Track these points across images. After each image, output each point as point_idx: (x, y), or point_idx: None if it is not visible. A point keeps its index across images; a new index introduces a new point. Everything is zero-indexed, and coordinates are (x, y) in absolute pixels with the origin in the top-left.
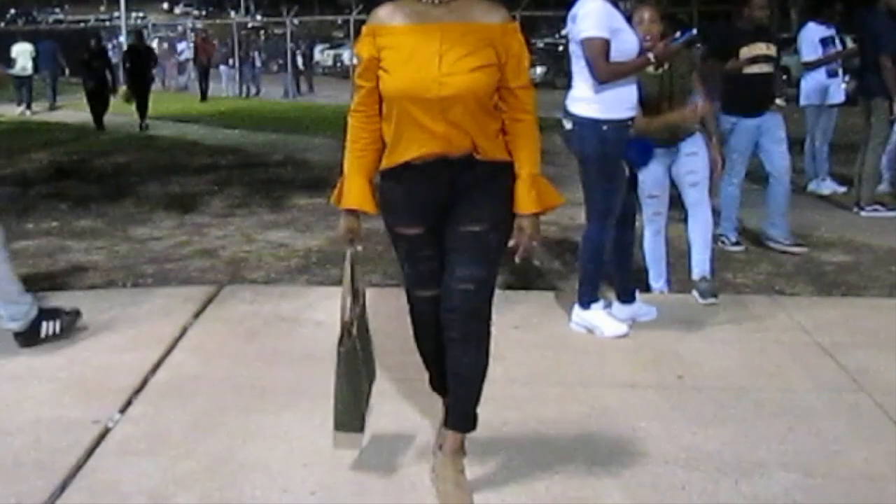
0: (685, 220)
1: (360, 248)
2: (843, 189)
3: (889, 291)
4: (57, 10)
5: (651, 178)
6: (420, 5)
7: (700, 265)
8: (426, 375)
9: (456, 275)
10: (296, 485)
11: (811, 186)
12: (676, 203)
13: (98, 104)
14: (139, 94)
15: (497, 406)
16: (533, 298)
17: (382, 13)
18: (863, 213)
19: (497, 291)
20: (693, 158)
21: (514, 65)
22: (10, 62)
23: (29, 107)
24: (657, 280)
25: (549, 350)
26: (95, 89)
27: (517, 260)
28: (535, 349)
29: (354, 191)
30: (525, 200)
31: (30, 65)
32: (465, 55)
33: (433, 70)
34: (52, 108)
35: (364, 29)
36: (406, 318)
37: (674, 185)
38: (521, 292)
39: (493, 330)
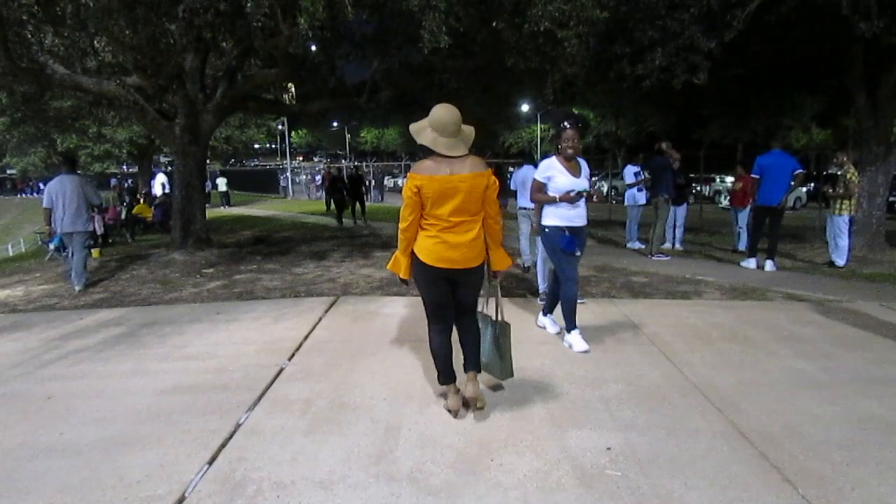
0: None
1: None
2: (644, 246)
3: (664, 296)
4: (255, 159)
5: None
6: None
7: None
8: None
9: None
10: (376, 394)
11: (628, 245)
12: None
13: (342, 209)
14: (357, 202)
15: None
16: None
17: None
18: (653, 258)
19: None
20: None
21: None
22: (214, 185)
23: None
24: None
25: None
26: (340, 199)
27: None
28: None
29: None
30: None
31: (225, 186)
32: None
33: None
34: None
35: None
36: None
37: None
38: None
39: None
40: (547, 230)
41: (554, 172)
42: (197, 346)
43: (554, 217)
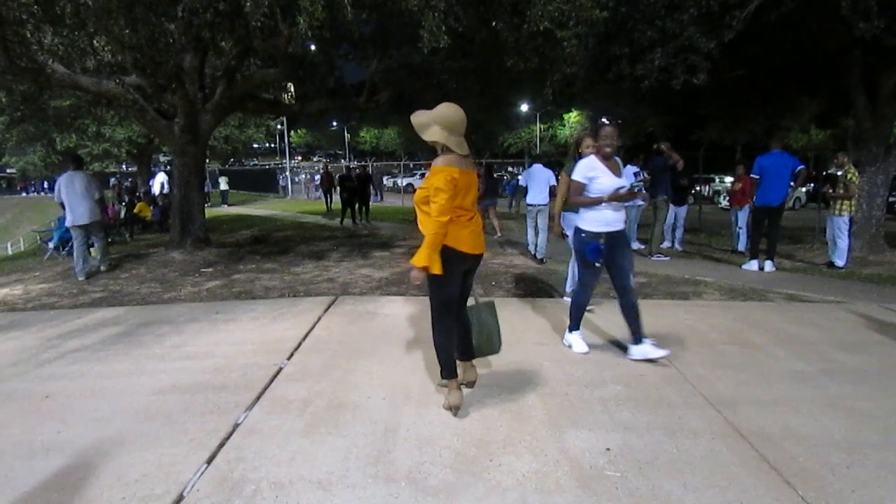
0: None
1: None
2: (643, 246)
3: (664, 296)
4: (254, 159)
5: None
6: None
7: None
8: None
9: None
10: (375, 394)
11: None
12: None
13: (348, 208)
14: (362, 202)
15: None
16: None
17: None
18: (652, 258)
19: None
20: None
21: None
22: (216, 184)
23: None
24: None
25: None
26: (348, 198)
27: None
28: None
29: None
30: None
31: (226, 185)
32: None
33: None
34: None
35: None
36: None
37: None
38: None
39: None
40: (583, 234)
41: (597, 173)
42: (195, 346)
43: (593, 222)
